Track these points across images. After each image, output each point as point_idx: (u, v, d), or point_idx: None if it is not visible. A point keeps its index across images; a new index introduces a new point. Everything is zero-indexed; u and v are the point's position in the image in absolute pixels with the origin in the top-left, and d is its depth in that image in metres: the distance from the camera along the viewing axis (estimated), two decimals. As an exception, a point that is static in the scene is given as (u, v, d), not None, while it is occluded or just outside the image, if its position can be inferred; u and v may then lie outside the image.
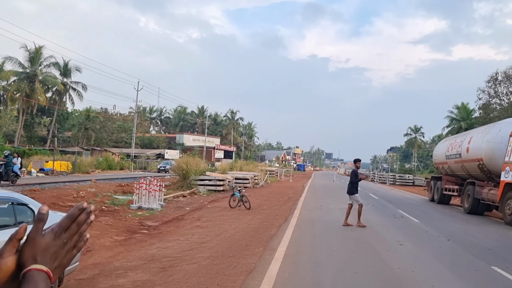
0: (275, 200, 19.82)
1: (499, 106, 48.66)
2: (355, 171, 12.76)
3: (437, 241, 9.87)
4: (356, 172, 12.69)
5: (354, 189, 12.26)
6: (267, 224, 11.89)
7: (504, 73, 47.58)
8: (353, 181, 12.35)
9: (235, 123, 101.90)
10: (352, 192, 12.25)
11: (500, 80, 48.23)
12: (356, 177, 12.49)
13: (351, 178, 12.52)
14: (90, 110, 69.19)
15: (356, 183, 12.37)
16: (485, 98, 49.51)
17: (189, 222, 12.76)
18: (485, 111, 49.66)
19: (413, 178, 51.59)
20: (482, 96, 49.45)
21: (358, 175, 12.62)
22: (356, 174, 12.60)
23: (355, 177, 12.46)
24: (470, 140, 17.31)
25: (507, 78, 47.61)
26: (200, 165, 24.99)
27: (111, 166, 41.14)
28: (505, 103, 48.11)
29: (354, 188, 12.27)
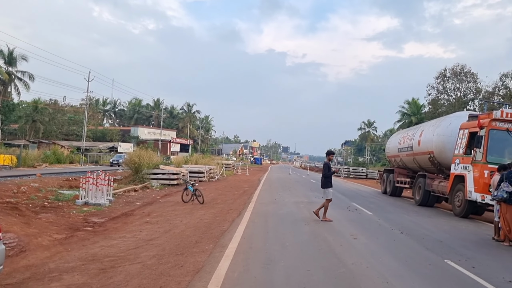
0: (230, 194, 19.44)
1: (447, 102, 50.50)
2: (328, 164, 12.24)
3: (390, 234, 9.81)
4: (328, 165, 12.19)
5: (328, 182, 11.87)
6: (219, 219, 11.48)
7: (452, 70, 49.40)
8: (326, 175, 11.91)
9: (192, 116, 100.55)
10: (326, 186, 11.85)
11: (448, 77, 50.05)
12: (329, 170, 12.06)
13: (324, 171, 12.02)
14: (39, 102, 66.10)
15: (329, 177, 11.96)
16: (434, 93, 51.23)
17: (138, 217, 12.15)
18: (433, 107, 51.38)
19: (366, 171, 52.76)
20: (432, 92, 51.16)
21: (330, 168, 12.20)
22: (329, 167, 12.14)
23: (328, 170, 12.01)
24: (421, 133, 17.60)
25: (455, 75, 49.46)
26: (153, 158, 24.17)
27: (60, 160, 39.28)
28: (453, 99, 49.99)
29: (328, 181, 11.88)
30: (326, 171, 11.97)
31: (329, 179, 11.93)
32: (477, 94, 48.60)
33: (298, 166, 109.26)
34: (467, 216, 13.56)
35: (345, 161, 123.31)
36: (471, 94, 49.49)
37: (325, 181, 11.90)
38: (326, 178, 11.90)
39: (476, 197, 12.47)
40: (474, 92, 49.04)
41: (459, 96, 49.65)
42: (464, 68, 48.93)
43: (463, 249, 8.30)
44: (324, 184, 11.89)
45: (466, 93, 49.78)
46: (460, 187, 13.62)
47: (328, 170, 12.00)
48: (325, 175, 11.93)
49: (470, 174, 12.88)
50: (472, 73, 48.99)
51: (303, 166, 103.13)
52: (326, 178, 11.90)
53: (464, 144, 13.72)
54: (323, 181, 11.95)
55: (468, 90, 49.71)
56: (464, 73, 49.15)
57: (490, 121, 12.56)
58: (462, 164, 13.58)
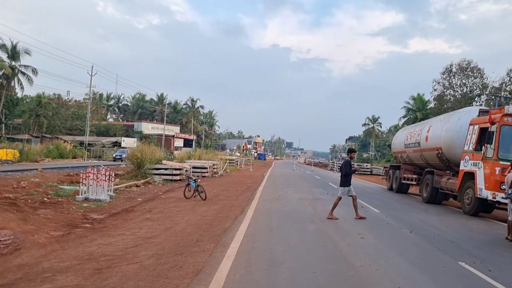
0: (233, 190, 19.13)
1: (453, 98, 49.98)
2: (349, 162, 11.57)
3: (399, 233, 9.43)
4: (349, 163, 11.54)
5: (347, 181, 11.37)
6: (222, 216, 11.17)
7: (458, 65, 48.88)
8: (347, 173, 11.32)
9: (196, 111, 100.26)
10: (344, 184, 11.36)
11: (454, 72, 49.53)
12: (350, 168, 11.45)
13: (345, 170, 11.35)
14: (42, 96, 66.03)
15: (349, 175, 11.42)
16: (440, 89, 50.74)
17: (139, 214, 11.87)
18: (439, 102, 50.87)
19: (371, 167, 52.29)
20: (437, 87, 50.70)
21: (351, 166, 11.56)
22: (350, 165, 11.50)
23: (349, 168, 11.40)
24: (429, 129, 17.16)
25: (461, 70, 48.91)
26: (156, 154, 23.93)
27: (63, 155, 39.10)
28: (459, 95, 49.46)
29: (348, 180, 11.38)
30: (348, 169, 11.38)
31: (349, 178, 11.43)
32: (483, 89, 48.09)
33: (302, 162, 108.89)
34: (477, 214, 13.15)
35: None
36: (477, 90, 48.97)
37: (344, 180, 11.38)
38: (346, 177, 11.36)
39: (486, 195, 12.06)
40: (480, 88, 48.52)
41: (465, 92, 49.13)
42: (470, 64, 48.41)
43: (476, 250, 7.91)
44: (344, 182, 11.39)
45: (473, 88, 49.26)
46: (470, 185, 13.21)
47: (349, 168, 11.42)
48: (346, 173, 11.35)
49: (481, 171, 12.47)
50: (479, 68, 48.45)
51: (307, 162, 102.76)
52: (347, 176, 11.36)
53: (474, 140, 13.30)
54: (343, 179, 11.42)
55: (475, 85, 49.20)
56: (471, 69, 48.62)
57: (502, 117, 12.13)
58: (472, 161, 13.18)
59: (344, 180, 11.40)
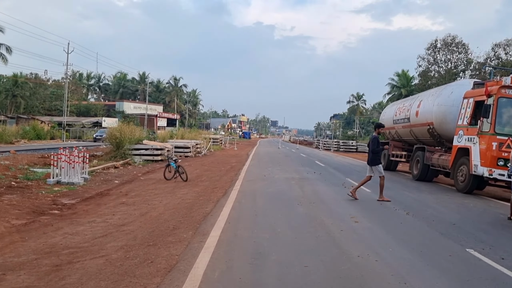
0: (217, 170, 18.33)
1: (437, 74, 49.64)
2: (377, 138, 10.80)
3: (395, 215, 8.72)
4: (378, 140, 10.78)
5: (377, 159, 10.61)
6: (203, 198, 10.37)
7: (443, 41, 48.38)
8: (375, 150, 10.55)
9: (179, 90, 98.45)
10: (375, 163, 10.55)
11: (439, 48, 49.07)
12: (378, 145, 10.68)
13: (373, 147, 10.60)
14: (19, 76, 63.74)
15: (379, 153, 10.67)
16: (425, 65, 50.34)
17: (114, 198, 11.04)
18: (423, 78, 50.54)
19: (356, 145, 51.96)
20: (422, 63, 50.30)
21: (379, 143, 10.80)
22: (378, 142, 10.75)
23: (377, 145, 10.63)
24: (419, 103, 16.46)
25: (446, 46, 48.45)
26: (135, 133, 22.93)
27: (40, 136, 37.70)
28: (443, 70, 49.13)
29: (377, 158, 10.61)
30: (375, 146, 10.57)
31: (378, 155, 10.68)
32: (468, 65, 47.81)
33: (287, 140, 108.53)
34: (471, 191, 12.58)
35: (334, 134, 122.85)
36: (462, 65, 48.67)
37: (373, 157, 10.60)
38: (375, 154, 10.58)
39: (482, 172, 11.46)
40: (465, 64, 48.22)
41: (449, 68, 48.79)
42: (455, 39, 47.95)
43: (482, 234, 7.22)
44: (373, 160, 10.60)
45: (457, 64, 48.95)
46: (464, 161, 12.60)
47: (377, 145, 10.60)
48: (374, 150, 10.55)
49: (476, 147, 11.84)
50: (463, 43, 48.06)
51: (292, 140, 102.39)
52: (375, 154, 10.58)
53: (469, 114, 12.63)
54: (372, 157, 10.62)
55: (459, 61, 48.88)
56: (456, 44, 48.20)
57: (499, 89, 11.45)
58: (466, 136, 12.54)
59: (373, 158, 10.61)
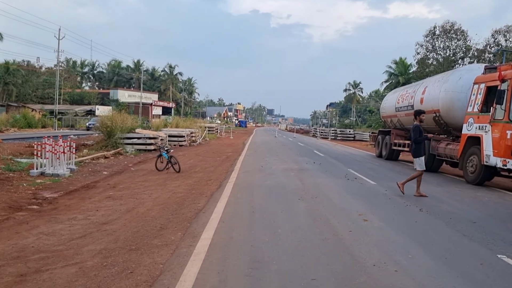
0: (211, 160, 17.54)
1: (436, 61, 48.85)
2: (419, 127, 9.65)
3: (407, 212, 7.85)
4: (420, 128, 9.64)
5: (420, 150, 9.55)
6: (196, 192, 9.60)
7: (442, 28, 47.51)
8: (417, 140, 9.53)
9: (174, 78, 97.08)
10: (418, 154, 9.52)
11: (437, 35, 48.22)
12: (421, 134, 9.61)
13: (414, 136, 9.54)
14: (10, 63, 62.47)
15: (420, 143, 9.62)
16: (423, 52, 49.51)
17: (101, 191, 10.25)
18: (421, 66, 49.78)
19: (353, 133, 51.24)
20: (420, 51, 49.48)
21: (422, 132, 9.71)
22: (420, 131, 9.62)
23: (419, 135, 9.57)
24: (424, 90, 15.63)
25: (445, 33, 47.60)
26: (127, 122, 22.06)
27: (31, 124, 36.74)
28: (441, 58, 48.34)
29: (420, 148, 9.55)
30: (417, 135, 9.50)
31: (421, 146, 9.61)
32: (467, 52, 47.04)
33: (284, 129, 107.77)
34: (482, 183, 11.76)
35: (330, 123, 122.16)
36: (460, 52, 47.89)
37: (416, 148, 9.54)
38: (418, 145, 9.53)
39: (495, 162, 10.68)
40: (464, 51, 47.44)
41: (448, 55, 48.02)
42: (454, 26, 47.13)
43: (509, 235, 6.39)
44: (416, 151, 9.56)
45: (456, 51, 48.17)
46: (474, 151, 11.81)
47: (419, 134, 9.53)
48: (416, 140, 9.50)
49: (488, 135, 11.06)
50: (462, 30, 47.23)
51: (288, 129, 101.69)
52: (417, 144, 9.53)
53: (480, 100, 11.80)
54: (414, 148, 9.57)
55: (458, 48, 48.09)
56: (454, 31, 47.39)
57: (515, 73, 10.66)
58: (477, 124, 11.75)
59: (416, 149, 9.57)
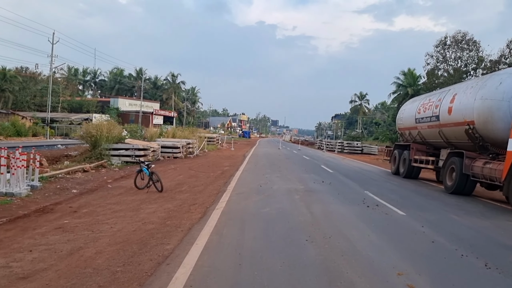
0: (204, 175, 15.32)
1: (446, 73, 46.84)
2: None
3: (468, 268, 5.34)
4: None
5: None
6: (171, 224, 7.38)
7: (453, 38, 45.56)
8: None
9: (177, 87, 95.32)
10: None
11: (449, 45, 46.28)
12: None
13: None
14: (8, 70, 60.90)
15: None
16: (433, 63, 47.56)
17: (56, 217, 8.11)
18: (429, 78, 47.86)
19: (361, 146, 48.85)
20: (431, 61, 47.59)
21: None
22: None
23: None
24: (453, 98, 13.35)
25: (456, 43, 45.63)
26: (114, 130, 19.99)
27: (20, 132, 34.72)
28: (452, 69, 46.30)
29: None
30: None
31: None
32: (479, 63, 44.95)
33: (288, 140, 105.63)
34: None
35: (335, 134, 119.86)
36: (473, 63, 45.82)
37: None
38: None
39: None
40: (476, 62, 45.35)
41: (459, 66, 45.97)
42: (466, 36, 45.11)
43: None
44: None
45: (468, 62, 46.10)
46: (524, 172, 9.58)
47: None
48: None
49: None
50: (475, 40, 45.21)
51: (293, 140, 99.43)
52: None
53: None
54: None
55: (470, 59, 46.04)
56: (466, 41, 45.37)
57: None
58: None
59: None
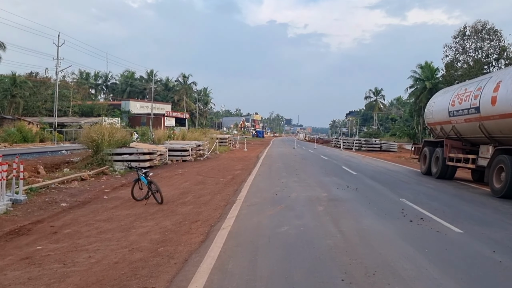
0: (213, 182, 13.73)
1: (466, 64, 44.71)
2: None
3: None
4: None
5: None
6: (164, 252, 5.81)
7: (473, 28, 43.39)
8: None
9: (188, 88, 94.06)
10: None
11: (468, 35, 44.13)
12: None
13: None
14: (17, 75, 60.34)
15: None
16: (452, 55, 45.46)
17: (29, 242, 6.67)
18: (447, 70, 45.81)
19: (380, 143, 46.80)
20: (449, 53, 45.48)
21: None
22: None
23: None
24: (497, 86, 11.51)
25: (476, 33, 43.47)
26: (117, 134, 18.65)
27: (27, 138, 33.62)
28: (472, 61, 44.18)
29: None
30: None
31: None
32: (502, 53, 42.69)
33: (302, 139, 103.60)
34: None
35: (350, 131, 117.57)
36: (494, 54, 43.58)
37: None
38: None
39: None
40: (498, 51, 43.09)
41: (480, 57, 43.78)
42: (486, 25, 42.87)
43: None
44: None
45: (489, 52, 43.86)
46: None
47: None
48: None
49: None
50: (496, 30, 42.93)
51: (307, 139, 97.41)
52: None
53: None
54: None
55: (491, 49, 43.78)
56: (487, 31, 43.13)
57: None
58: None
59: None
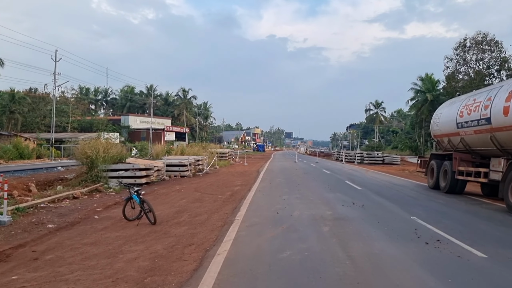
0: (211, 199, 13.05)
1: (467, 76, 44.39)
2: None
3: None
4: None
5: None
6: (151, 282, 5.10)
7: (473, 39, 43.16)
8: None
9: (188, 102, 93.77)
10: None
11: (469, 47, 43.89)
12: None
13: None
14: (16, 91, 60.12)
15: None
16: (453, 66, 45.16)
17: (5, 271, 6.15)
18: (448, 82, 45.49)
19: (382, 156, 46.11)
20: (450, 65, 45.22)
21: None
22: None
23: None
24: (510, 95, 10.90)
25: (476, 44, 43.21)
26: (112, 149, 18.06)
27: (23, 155, 33.02)
28: (473, 72, 43.84)
29: None
30: None
31: None
32: (503, 64, 42.32)
33: (304, 152, 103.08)
34: None
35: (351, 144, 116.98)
36: (496, 65, 43.22)
37: None
38: None
39: None
40: (499, 63, 42.73)
41: (481, 68, 43.42)
42: (487, 36, 42.65)
43: None
44: None
45: (490, 64, 43.53)
46: None
47: None
48: None
49: None
50: (496, 41, 42.69)
51: (308, 152, 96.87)
52: None
53: None
54: None
55: (492, 60, 43.45)
56: (487, 42, 42.86)
57: None
58: None
59: None
